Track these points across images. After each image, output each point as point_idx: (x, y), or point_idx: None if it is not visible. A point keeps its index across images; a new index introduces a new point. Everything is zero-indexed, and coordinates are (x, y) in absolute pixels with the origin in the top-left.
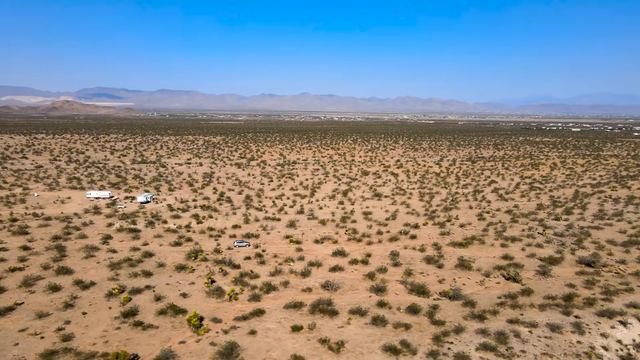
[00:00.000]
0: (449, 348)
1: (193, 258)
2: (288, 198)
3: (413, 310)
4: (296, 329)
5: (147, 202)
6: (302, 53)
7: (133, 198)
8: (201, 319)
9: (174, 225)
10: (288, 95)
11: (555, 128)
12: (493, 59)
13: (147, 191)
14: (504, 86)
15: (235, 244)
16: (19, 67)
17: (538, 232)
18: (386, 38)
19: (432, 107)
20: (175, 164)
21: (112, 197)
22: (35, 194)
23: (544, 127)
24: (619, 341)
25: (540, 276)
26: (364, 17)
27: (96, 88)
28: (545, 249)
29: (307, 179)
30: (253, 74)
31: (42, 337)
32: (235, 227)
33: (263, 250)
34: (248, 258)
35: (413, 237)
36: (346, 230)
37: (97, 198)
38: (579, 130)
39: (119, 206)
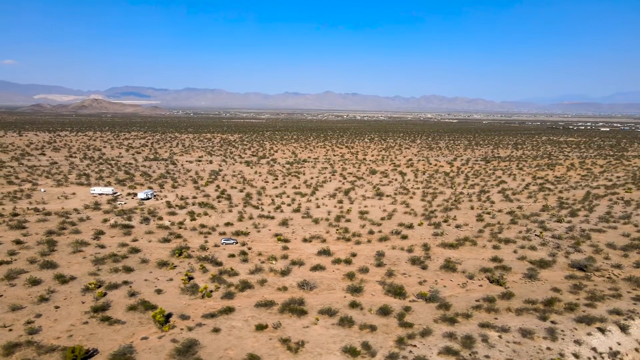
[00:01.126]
0: (410, 351)
1: (177, 255)
2: (288, 196)
3: (384, 311)
4: (260, 327)
5: (148, 198)
6: (327, 52)
7: (135, 195)
8: (168, 315)
9: (168, 221)
10: (312, 94)
11: (583, 127)
12: (523, 57)
13: (150, 188)
14: (534, 85)
15: (223, 241)
16: (53, 67)
17: (535, 234)
18: (411, 36)
19: (458, 106)
20: (186, 161)
21: (115, 193)
22: (42, 190)
23: (571, 127)
24: (594, 349)
25: (527, 279)
26: (390, 15)
27: (125, 87)
28: (539, 251)
29: (312, 178)
30: (277, 73)
31: (11, 330)
32: (227, 224)
33: (249, 248)
34: (232, 256)
35: (404, 237)
36: (337, 230)
37: (100, 194)
38: (608, 129)
39: (118, 202)
